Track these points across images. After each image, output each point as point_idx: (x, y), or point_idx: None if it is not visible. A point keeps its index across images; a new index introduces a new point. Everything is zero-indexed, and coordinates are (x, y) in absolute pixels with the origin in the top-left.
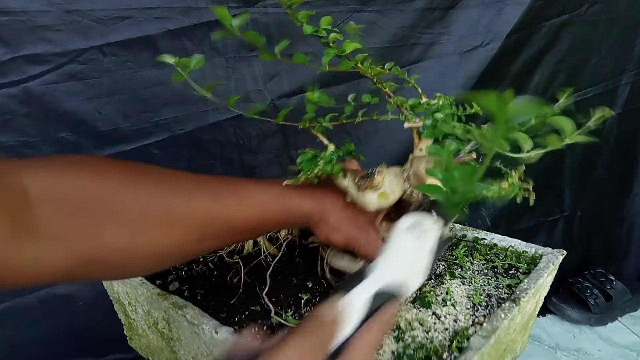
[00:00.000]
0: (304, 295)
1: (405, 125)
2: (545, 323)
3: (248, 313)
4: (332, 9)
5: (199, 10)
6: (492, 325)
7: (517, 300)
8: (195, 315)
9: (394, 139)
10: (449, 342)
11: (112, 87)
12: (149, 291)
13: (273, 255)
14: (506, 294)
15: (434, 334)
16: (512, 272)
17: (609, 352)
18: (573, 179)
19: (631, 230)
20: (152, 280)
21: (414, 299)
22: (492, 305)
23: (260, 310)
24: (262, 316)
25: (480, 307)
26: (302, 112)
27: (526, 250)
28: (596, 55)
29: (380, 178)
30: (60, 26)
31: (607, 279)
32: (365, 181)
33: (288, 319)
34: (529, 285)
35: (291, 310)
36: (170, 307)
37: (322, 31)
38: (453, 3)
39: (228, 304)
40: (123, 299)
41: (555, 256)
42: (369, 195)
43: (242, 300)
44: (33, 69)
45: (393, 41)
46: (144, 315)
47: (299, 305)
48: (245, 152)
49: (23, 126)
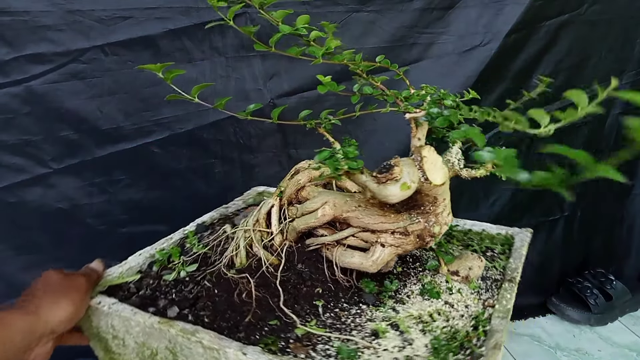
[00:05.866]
0: (317, 302)
1: (407, 116)
2: (545, 323)
3: (268, 329)
4: (332, 9)
5: (199, 10)
6: (504, 306)
7: (514, 280)
8: (212, 340)
9: (392, 138)
10: (471, 327)
11: (113, 86)
12: (146, 321)
13: (275, 266)
14: (499, 275)
15: (453, 322)
16: (490, 254)
17: (609, 352)
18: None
19: (631, 230)
20: (142, 308)
21: (421, 291)
22: (491, 287)
23: (280, 324)
24: (284, 329)
25: (482, 291)
26: (302, 111)
27: (499, 232)
28: (596, 55)
29: (399, 169)
30: (62, 26)
31: (607, 279)
32: (384, 174)
33: (313, 328)
34: (517, 265)
35: (314, 319)
36: (180, 335)
37: (302, 29)
38: (452, 3)
39: (242, 322)
40: (105, 334)
41: (526, 235)
42: (390, 187)
43: (258, 315)
44: (35, 69)
45: (392, 41)
46: (136, 347)
47: (317, 312)
48: (245, 151)
49: (25, 125)
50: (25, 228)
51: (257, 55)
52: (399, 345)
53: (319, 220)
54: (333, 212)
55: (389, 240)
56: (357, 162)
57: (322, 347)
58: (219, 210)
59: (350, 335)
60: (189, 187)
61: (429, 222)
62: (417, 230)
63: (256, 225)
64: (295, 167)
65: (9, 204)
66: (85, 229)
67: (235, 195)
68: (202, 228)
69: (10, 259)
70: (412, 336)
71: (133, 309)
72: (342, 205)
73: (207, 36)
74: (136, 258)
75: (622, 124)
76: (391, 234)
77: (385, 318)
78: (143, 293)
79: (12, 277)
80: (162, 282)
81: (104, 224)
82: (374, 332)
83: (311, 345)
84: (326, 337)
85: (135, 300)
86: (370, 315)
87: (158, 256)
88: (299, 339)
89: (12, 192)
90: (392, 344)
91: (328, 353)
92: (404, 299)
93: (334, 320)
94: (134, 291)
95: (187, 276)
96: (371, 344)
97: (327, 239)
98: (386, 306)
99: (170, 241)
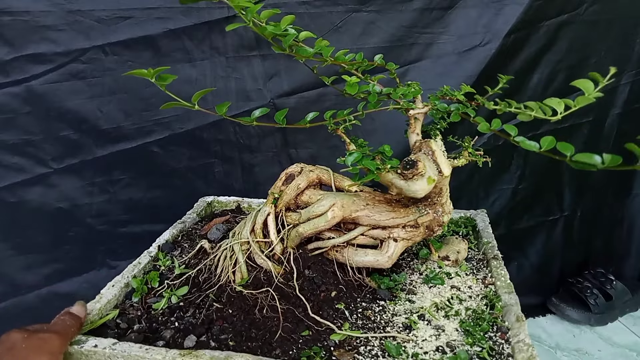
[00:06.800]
0: (339, 305)
1: (411, 113)
2: (545, 323)
3: (302, 340)
4: (331, 9)
5: (199, 10)
6: (504, 281)
7: (498, 257)
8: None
9: (392, 138)
10: (485, 306)
11: (113, 86)
12: (165, 356)
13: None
14: (480, 255)
15: (467, 304)
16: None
17: (609, 352)
18: (573, 179)
19: (631, 230)
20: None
21: (425, 280)
22: (480, 266)
23: (312, 333)
24: (318, 338)
25: (474, 271)
26: (302, 111)
27: (460, 215)
28: (595, 55)
29: (422, 164)
30: (62, 26)
31: (607, 279)
32: (410, 170)
33: (350, 331)
34: (493, 242)
35: (345, 322)
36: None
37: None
38: (452, 3)
39: (272, 338)
40: None
41: (483, 215)
42: (419, 182)
43: (287, 329)
44: (35, 68)
45: (391, 41)
46: None
47: (344, 315)
48: (245, 151)
49: (26, 124)
50: (26, 228)
51: (257, 55)
52: (434, 333)
53: (329, 223)
54: (342, 213)
55: (401, 234)
56: (394, 160)
57: (365, 349)
58: (176, 227)
59: (386, 332)
60: (189, 187)
61: (437, 212)
62: (426, 221)
63: (252, 236)
64: (285, 172)
65: (9, 204)
66: (85, 229)
67: (236, 195)
68: (168, 247)
69: (11, 259)
70: (440, 323)
71: (141, 345)
72: (350, 206)
73: (207, 36)
74: (110, 290)
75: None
76: (402, 228)
77: (408, 311)
78: (139, 327)
79: (12, 277)
80: (152, 312)
81: (104, 223)
82: (406, 325)
83: (353, 348)
84: (364, 339)
85: (136, 336)
86: (393, 310)
87: (134, 284)
88: (339, 345)
89: (13, 192)
90: (427, 334)
91: (373, 353)
92: (413, 290)
93: (364, 320)
94: (125, 327)
95: (180, 301)
96: (409, 337)
97: (338, 241)
98: (402, 299)
99: (139, 266)
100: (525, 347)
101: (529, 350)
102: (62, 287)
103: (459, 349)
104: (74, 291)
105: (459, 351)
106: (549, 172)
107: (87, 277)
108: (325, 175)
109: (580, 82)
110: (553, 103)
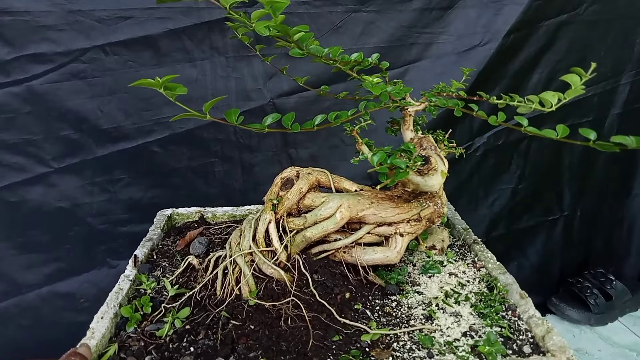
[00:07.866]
0: (357, 306)
1: (410, 110)
2: None
3: (335, 346)
4: (331, 9)
5: (199, 10)
6: (493, 263)
7: (478, 241)
8: None
9: (391, 138)
10: (486, 289)
11: (113, 85)
12: None
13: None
14: (458, 242)
15: (470, 288)
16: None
17: (609, 352)
18: (573, 179)
19: (631, 230)
20: None
21: (422, 270)
22: (464, 252)
23: (343, 337)
24: (350, 341)
25: (461, 257)
26: (302, 111)
27: None
28: (595, 55)
29: (434, 160)
30: (62, 26)
31: (607, 279)
32: (425, 166)
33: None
34: (467, 227)
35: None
36: None
37: None
38: (451, 3)
39: (305, 348)
40: None
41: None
42: (435, 177)
43: (318, 336)
44: (36, 68)
45: (391, 41)
46: None
47: (367, 315)
48: (245, 151)
49: (26, 124)
50: (26, 227)
51: (257, 55)
52: (454, 320)
53: (338, 225)
54: (349, 213)
55: (407, 229)
56: (418, 157)
57: (398, 345)
58: (145, 245)
59: (412, 326)
60: (189, 186)
61: (437, 204)
62: (428, 214)
63: (254, 246)
64: (280, 176)
65: (9, 203)
66: (86, 228)
67: (236, 195)
68: (146, 268)
69: (11, 258)
70: (455, 309)
71: None
72: (356, 205)
73: (207, 36)
74: (101, 323)
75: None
76: (407, 222)
77: (420, 302)
78: (152, 358)
79: (12, 276)
80: (158, 340)
81: (104, 223)
82: (426, 316)
83: (387, 346)
84: (392, 335)
85: None
86: (407, 303)
87: (125, 313)
88: (373, 345)
89: (13, 191)
90: (448, 322)
91: (407, 348)
92: (415, 282)
93: (387, 317)
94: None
95: (185, 324)
96: (434, 327)
97: (347, 241)
98: (410, 292)
99: (122, 293)
100: (539, 321)
101: (544, 324)
102: (62, 286)
103: (481, 331)
104: (75, 290)
105: (488, 333)
106: (549, 172)
107: (87, 276)
108: (324, 177)
109: (567, 77)
110: (547, 96)
